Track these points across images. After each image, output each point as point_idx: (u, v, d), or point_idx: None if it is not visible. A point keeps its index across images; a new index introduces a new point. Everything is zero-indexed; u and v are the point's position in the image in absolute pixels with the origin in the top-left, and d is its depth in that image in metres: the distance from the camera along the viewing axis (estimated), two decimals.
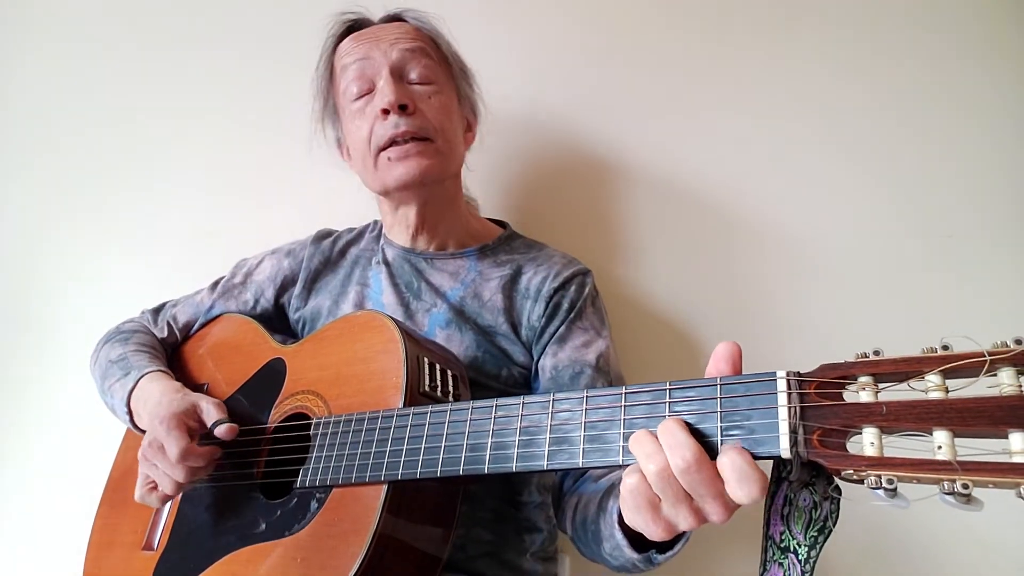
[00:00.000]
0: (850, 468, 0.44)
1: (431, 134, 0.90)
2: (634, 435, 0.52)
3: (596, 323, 0.93)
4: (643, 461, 0.50)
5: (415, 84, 0.92)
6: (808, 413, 0.47)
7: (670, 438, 0.49)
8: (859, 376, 0.47)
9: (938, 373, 0.45)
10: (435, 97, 0.92)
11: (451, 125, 0.94)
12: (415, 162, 0.89)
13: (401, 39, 0.93)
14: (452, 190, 0.98)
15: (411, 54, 0.92)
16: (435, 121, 0.91)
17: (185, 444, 0.77)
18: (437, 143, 0.91)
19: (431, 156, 0.90)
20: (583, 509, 0.77)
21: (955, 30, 1.19)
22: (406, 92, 0.90)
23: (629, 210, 1.22)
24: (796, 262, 1.17)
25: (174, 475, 0.77)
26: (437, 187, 0.94)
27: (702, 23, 1.25)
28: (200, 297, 1.05)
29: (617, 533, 0.64)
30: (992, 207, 1.15)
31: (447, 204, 0.98)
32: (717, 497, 0.48)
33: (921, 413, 0.44)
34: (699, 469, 0.48)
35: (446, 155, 0.92)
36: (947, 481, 0.42)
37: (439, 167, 0.91)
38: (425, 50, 0.93)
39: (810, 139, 1.20)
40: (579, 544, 0.80)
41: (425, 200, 0.95)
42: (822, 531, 0.48)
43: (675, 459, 0.48)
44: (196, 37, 1.36)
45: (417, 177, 0.89)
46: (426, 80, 0.92)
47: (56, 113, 1.39)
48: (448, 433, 0.65)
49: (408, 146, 0.89)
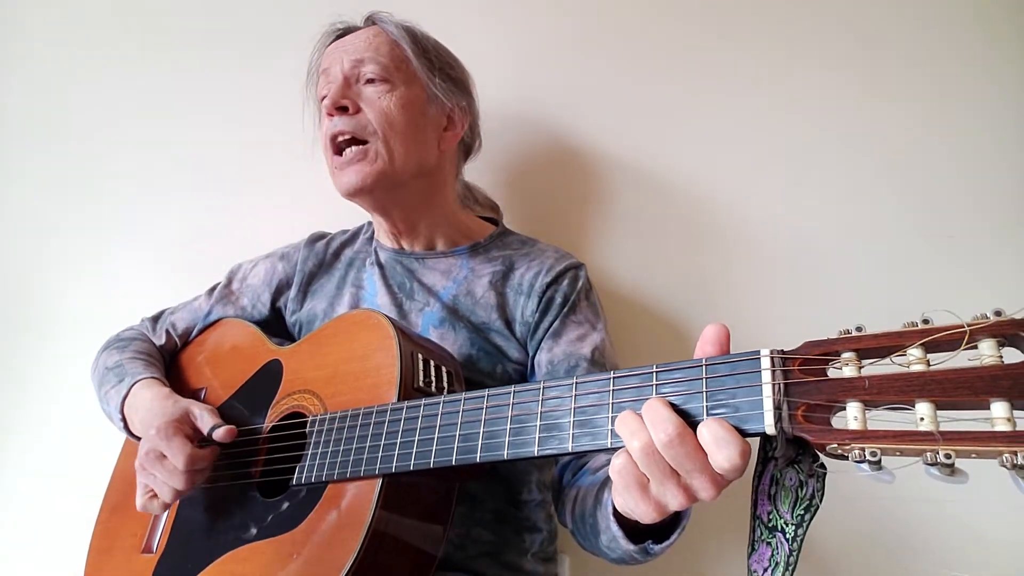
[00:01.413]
0: (834, 442, 0.45)
1: (367, 135, 0.90)
2: (619, 415, 0.52)
3: (591, 316, 0.93)
4: (627, 439, 0.51)
5: (367, 84, 0.92)
6: (792, 389, 0.47)
7: (653, 414, 0.50)
8: (842, 352, 0.47)
9: (919, 347, 0.45)
10: (386, 96, 0.91)
11: (401, 123, 0.91)
12: (352, 170, 0.90)
13: (361, 44, 0.94)
14: (424, 189, 0.96)
15: (368, 56, 0.92)
16: (377, 120, 0.90)
17: (189, 450, 0.77)
18: (374, 145, 0.90)
19: (369, 162, 0.89)
20: (581, 502, 0.77)
21: (955, 30, 1.20)
22: (348, 94, 0.91)
23: (621, 204, 1.22)
24: (792, 260, 1.17)
25: (173, 483, 0.77)
26: (397, 190, 0.93)
27: (698, 18, 1.26)
28: (198, 303, 1.06)
29: (613, 525, 0.64)
30: (992, 207, 1.15)
31: (421, 204, 0.97)
32: (703, 471, 0.49)
33: (903, 386, 0.44)
34: (682, 443, 0.48)
35: (388, 156, 0.90)
36: (930, 452, 0.42)
37: (379, 172, 0.90)
38: (384, 50, 0.93)
39: (807, 136, 1.20)
40: (579, 537, 0.79)
41: (385, 205, 0.95)
42: (808, 509, 0.48)
43: (658, 434, 0.49)
44: (196, 38, 1.38)
45: (357, 185, 0.90)
46: (379, 79, 0.92)
47: (56, 113, 1.40)
48: (441, 424, 0.65)
49: (348, 155, 0.90)
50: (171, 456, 0.77)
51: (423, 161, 0.94)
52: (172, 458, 0.77)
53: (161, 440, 0.77)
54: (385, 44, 0.94)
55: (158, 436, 0.78)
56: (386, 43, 0.94)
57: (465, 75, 1.03)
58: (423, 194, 0.97)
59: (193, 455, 0.77)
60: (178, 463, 0.76)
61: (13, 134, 1.41)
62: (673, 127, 1.23)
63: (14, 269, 1.36)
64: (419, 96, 0.95)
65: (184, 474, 0.77)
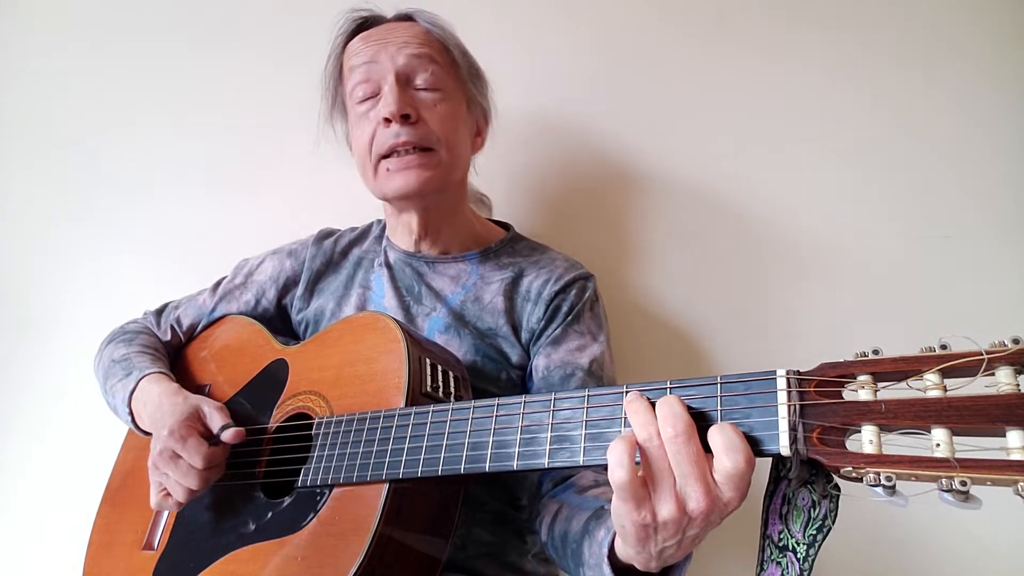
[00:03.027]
0: (849, 465, 0.45)
1: (433, 144, 0.89)
2: (633, 403, 0.52)
3: (593, 328, 0.93)
4: (637, 428, 0.51)
5: (421, 91, 0.90)
6: (808, 411, 0.47)
7: (667, 408, 0.50)
8: (858, 375, 0.47)
9: (936, 372, 0.45)
10: (441, 105, 0.90)
11: (456, 133, 0.92)
12: (415, 174, 0.88)
13: (410, 43, 0.90)
14: (455, 197, 0.97)
15: (419, 59, 0.89)
16: (439, 131, 0.89)
17: (206, 451, 0.77)
18: (439, 153, 0.89)
19: (432, 168, 0.89)
20: (565, 522, 0.75)
21: (955, 30, 1.20)
22: (410, 101, 0.88)
23: (635, 213, 1.22)
24: (799, 265, 1.18)
25: (187, 482, 0.77)
26: (438, 196, 0.93)
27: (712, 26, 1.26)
28: (202, 299, 1.06)
29: (606, 567, 0.61)
30: (992, 207, 1.15)
31: (450, 211, 0.98)
32: (700, 479, 0.48)
33: (920, 411, 0.44)
34: (687, 441, 0.48)
35: (448, 165, 0.91)
36: (945, 478, 0.42)
37: (439, 178, 0.90)
38: (433, 56, 0.91)
39: (812, 142, 1.20)
40: (554, 555, 0.78)
41: (426, 208, 0.95)
42: (821, 529, 0.49)
43: (666, 427, 0.49)
44: (197, 36, 1.37)
45: (415, 189, 0.89)
46: (433, 87, 0.90)
47: (56, 113, 1.40)
48: (450, 432, 0.65)
49: (409, 157, 0.88)
50: (187, 456, 0.77)
51: (464, 171, 0.96)
52: (188, 458, 0.77)
53: (176, 441, 0.77)
54: (436, 45, 0.92)
55: (172, 437, 0.77)
56: (436, 43, 0.92)
57: (484, 76, 1.01)
58: (452, 201, 0.97)
59: (209, 454, 0.77)
60: (195, 462, 0.76)
61: (13, 134, 1.41)
62: (686, 137, 1.23)
63: (14, 269, 1.36)
64: (462, 103, 0.95)
65: (200, 473, 0.77)
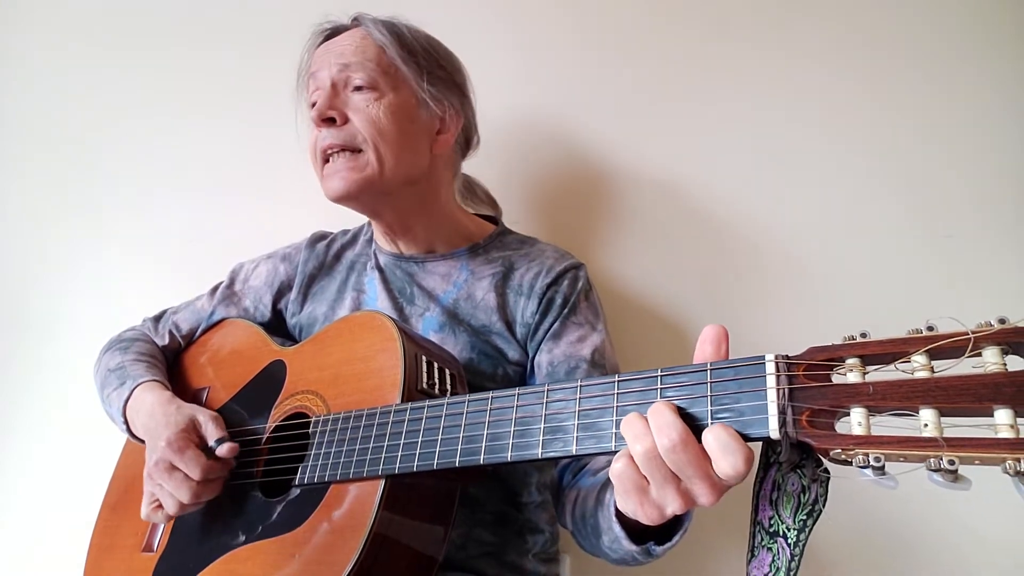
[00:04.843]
0: (838, 447, 0.45)
1: (360, 144, 0.88)
2: (625, 418, 0.52)
3: (590, 317, 0.93)
4: (631, 442, 0.51)
5: (356, 92, 0.90)
6: (796, 394, 0.47)
7: (658, 418, 0.50)
8: (846, 358, 0.48)
9: (924, 353, 0.45)
10: (374, 104, 0.89)
11: (392, 131, 0.89)
12: (339, 177, 0.88)
13: (346, 50, 0.92)
14: (417, 194, 0.95)
15: (351, 64, 0.90)
16: (366, 130, 0.88)
17: (203, 463, 0.78)
18: (366, 154, 0.88)
19: (357, 170, 0.88)
20: (582, 503, 0.77)
21: (955, 30, 1.21)
22: (335, 104, 0.89)
23: (622, 204, 1.23)
24: (790, 261, 1.18)
25: (180, 495, 0.78)
26: (386, 197, 0.92)
27: (701, 21, 1.26)
28: (201, 304, 1.06)
29: (615, 525, 0.64)
30: (992, 207, 1.16)
31: (415, 208, 0.96)
32: (704, 478, 0.49)
33: (907, 392, 0.44)
34: (684, 449, 0.48)
35: (378, 165, 0.89)
36: (933, 458, 0.42)
37: (367, 180, 0.89)
38: (367, 57, 0.91)
39: (808, 137, 1.21)
40: (579, 538, 0.79)
41: (375, 209, 0.95)
42: (811, 514, 0.49)
43: (662, 439, 0.49)
44: (196, 37, 1.38)
45: (342, 192, 0.89)
46: (367, 86, 0.90)
47: (56, 113, 1.40)
48: (444, 426, 0.66)
49: (338, 162, 0.89)
50: (184, 467, 0.77)
51: (413, 168, 0.93)
52: (186, 469, 0.77)
53: (174, 453, 0.78)
54: (371, 48, 0.92)
55: (169, 448, 0.78)
56: (372, 47, 0.92)
57: (458, 72, 0.99)
58: (416, 199, 0.95)
59: (207, 466, 0.78)
60: (193, 474, 0.77)
61: (13, 134, 1.41)
62: (679, 130, 1.24)
63: (14, 269, 1.37)
64: (408, 101, 0.92)
65: (195, 486, 0.77)
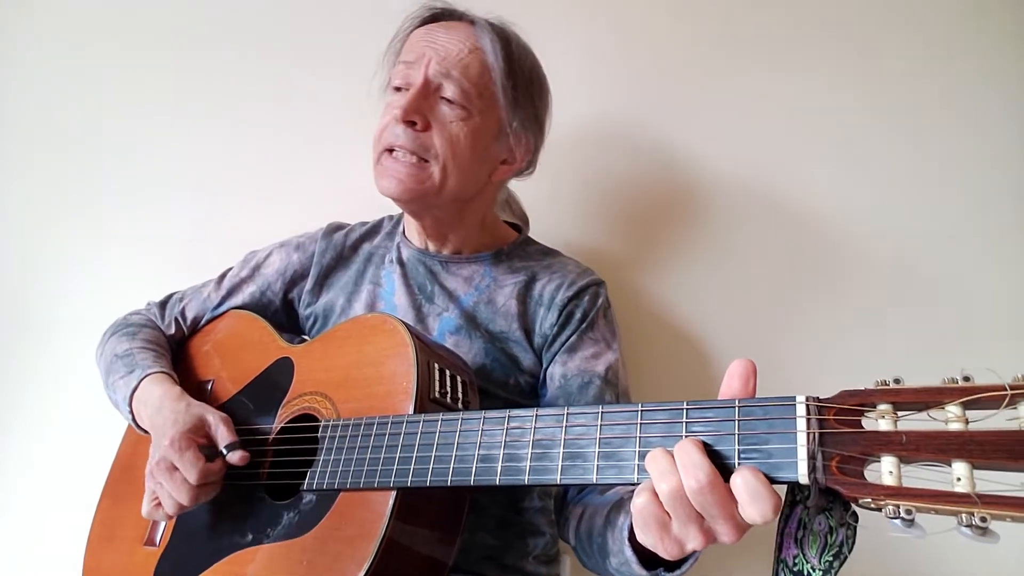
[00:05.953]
0: (868, 497, 0.44)
1: (430, 157, 0.86)
2: (650, 453, 0.52)
3: (607, 335, 0.93)
4: (657, 480, 0.50)
5: (446, 102, 0.87)
6: (827, 439, 0.47)
7: (686, 458, 0.49)
8: (879, 404, 0.47)
9: (958, 404, 0.45)
10: (459, 123, 0.86)
11: (465, 155, 0.87)
12: (397, 180, 0.86)
13: (451, 54, 0.87)
14: (460, 209, 0.94)
15: (452, 73, 0.86)
16: (442, 147, 0.86)
17: (201, 466, 0.77)
18: (430, 168, 0.86)
19: (416, 181, 0.86)
20: (588, 520, 0.77)
21: (955, 31, 1.20)
22: (422, 108, 0.85)
23: (649, 221, 1.22)
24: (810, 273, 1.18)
25: (179, 496, 0.77)
26: (425, 208, 0.91)
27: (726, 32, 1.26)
28: (207, 291, 1.05)
29: (627, 549, 0.64)
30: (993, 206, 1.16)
31: (456, 221, 0.95)
32: (729, 519, 0.48)
33: (941, 444, 0.44)
34: (712, 490, 0.48)
35: (437, 183, 0.87)
36: (965, 514, 0.42)
37: (421, 192, 0.87)
38: (469, 72, 0.87)
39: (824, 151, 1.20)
40: (581, 554, 0.79)
41: (420, 214, 0.94)
42: (837, 556, 0.48)
43: (689, 480, 0.48)
44: (196, 34, 1.36)
45: (394, 195, 0.88)
46: (459, 103, 0.86)
47: (55, 112, 1.38)
48: (459, 443, 0.65)
49: (402, 161, 0.86)
50: (183, 470, 0.77)
51: (469, 189, 0.91)
52: (184, 471, 0.77)
53: (175, 453, 0.77)
54: (477, 65, 0.87)
55: (171, 447, 0.77)
56: (478, 64, 0.87)
57: (546, 108, 0.96)
58: (459, 212, 0.95)
59: (205, 471, 0.77)
60: (190, 477, 0.76)
61: (13, 134, 1.39)
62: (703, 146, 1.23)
63: (14, 269, 1.35)
64: (491, 129, 0.90)
65: (192, 489, 0.77)
